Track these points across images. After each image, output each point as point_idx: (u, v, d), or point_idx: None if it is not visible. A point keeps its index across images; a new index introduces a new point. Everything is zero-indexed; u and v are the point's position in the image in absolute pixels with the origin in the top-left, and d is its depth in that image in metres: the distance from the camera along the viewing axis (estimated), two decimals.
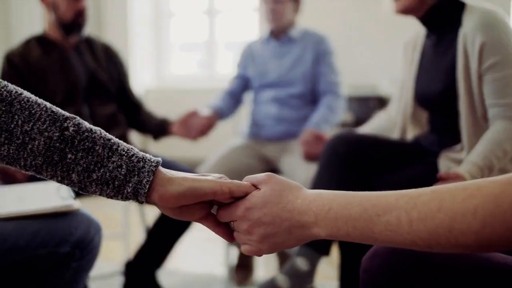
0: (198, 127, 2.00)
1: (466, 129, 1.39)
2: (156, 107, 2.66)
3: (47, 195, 1.07)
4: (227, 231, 0.70)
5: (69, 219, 1.00)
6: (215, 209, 0.71)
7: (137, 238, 2.35)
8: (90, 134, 0.65)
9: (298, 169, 1.96)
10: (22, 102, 0.64)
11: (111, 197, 0.66)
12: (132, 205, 2.17)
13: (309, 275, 1.41)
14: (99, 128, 0.67)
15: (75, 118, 0.66)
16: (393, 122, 1.74)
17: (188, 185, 0.65)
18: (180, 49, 4.98)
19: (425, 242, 0.55)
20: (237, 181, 0.68)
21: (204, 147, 3.01)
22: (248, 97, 2.35)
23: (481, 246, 0.53)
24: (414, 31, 1.65)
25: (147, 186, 0.65)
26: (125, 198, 0.66)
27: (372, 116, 3.66)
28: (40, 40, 1.88)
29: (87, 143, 0.65)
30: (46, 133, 0.64)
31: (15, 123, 0.63)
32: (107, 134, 0.67)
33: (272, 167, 2.16)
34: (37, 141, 0.63)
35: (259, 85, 2.23)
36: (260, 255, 0.68)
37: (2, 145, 0.62)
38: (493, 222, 0.50)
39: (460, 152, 1.41)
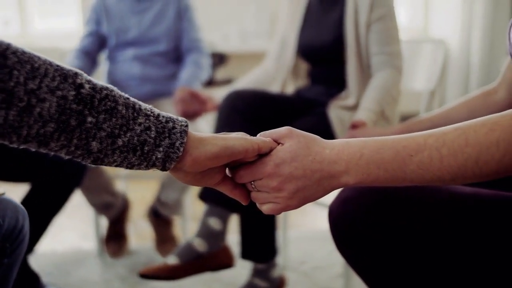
0: None
1: (354, 76, 1.51)
2: None
3: None
4: (244, 193, 0.66)
5: None
6: (228, 171, 0.66)
7: None
8: (109, 92, 0.54)
9: None
10: (18, 53, 0.49)
11: (131, 167, 0.56)
12: None
13: (222, 233, 1.41)
14: (111, 85, 0.56)
15: (82, 73, 0.54)
16: (270, 77, 1.79)
17: (221, 145, 0.59)
18: None
19: (452, 176, 0.59)
20: (261, 137, 0.64)
21: None
22: (102, 56, 2.16)
23: (499, 173, 0.59)
24: None
25: (181, 149, 0.57)
26: (151, 166, 0.57)
27: (214, 72, 3.70)
28: None
29: (108, 103, 0.53)
30: (59, 92, 0.50)
31: (15, 80, 0.48)
32: (120, 91, 0.56)
33: None
34: (48, 103, 0.50)
35: (116, 43, 2.07)
36: (278, 213, 0.65)
37: None
38: None
39: (346, 99, 1.53)
